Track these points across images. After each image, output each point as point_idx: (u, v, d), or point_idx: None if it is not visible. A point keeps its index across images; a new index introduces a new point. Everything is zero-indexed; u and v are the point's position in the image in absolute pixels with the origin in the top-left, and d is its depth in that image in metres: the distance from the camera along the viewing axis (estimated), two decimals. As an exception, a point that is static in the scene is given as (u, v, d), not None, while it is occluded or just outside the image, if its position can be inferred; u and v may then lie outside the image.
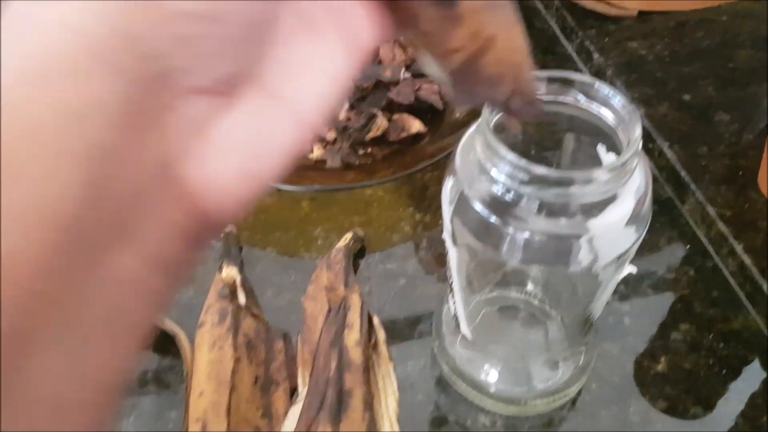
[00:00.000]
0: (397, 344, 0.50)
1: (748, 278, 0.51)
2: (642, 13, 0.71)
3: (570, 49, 0.72)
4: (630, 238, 0.34)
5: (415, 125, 0.62)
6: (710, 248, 0.54)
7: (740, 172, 0.56)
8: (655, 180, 0.58)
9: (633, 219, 0.34)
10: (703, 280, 0.53)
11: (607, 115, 0.35)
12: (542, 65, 0.69)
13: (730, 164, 0.57)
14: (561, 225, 0.33)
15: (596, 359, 0.48)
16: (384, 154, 0.61)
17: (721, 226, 0.53)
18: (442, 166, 0.59)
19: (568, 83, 0.35)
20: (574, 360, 0.46)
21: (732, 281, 0.52)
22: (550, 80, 0.36)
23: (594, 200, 0.32)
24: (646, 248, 0.54)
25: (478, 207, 0.35)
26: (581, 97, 0.35)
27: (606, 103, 0.34)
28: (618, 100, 0.34)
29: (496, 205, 0.34)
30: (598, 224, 0.33)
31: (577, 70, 0.70)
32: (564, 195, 0.32)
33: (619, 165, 0.31)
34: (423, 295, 0.52)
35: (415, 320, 0.51)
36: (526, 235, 0.34)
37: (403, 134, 0.62)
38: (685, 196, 0.56)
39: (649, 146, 0.60)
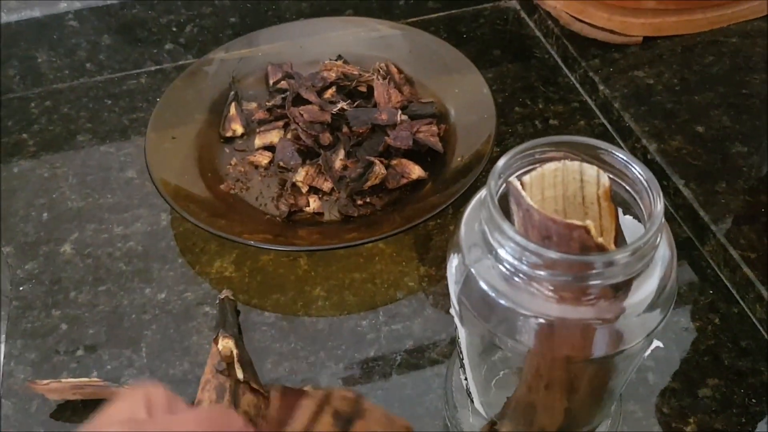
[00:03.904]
0: (407, 414, 0.47)
1: (778, 326, 0.47)
2: (647, 39, 0.68)
3: (573, 79, 0.69)
4: (656, 319, 0.31)
5: (415, 171, 0.59)
6: (735, 293, 0.51)
7: (762, 209, 0.53)
8: (672, 219, 0.55)
9: (659, 297, 0.31)
10: (730, 329, 0.49)
11: (626, 185, 0.31)
12: (544, 97, 0.67)
13: (751, 201, 0.53)
14: (580, 310, 0.30)
15: (621, 423, 0.45)
16: (383, 203, 0.58)
17: (746, 270, 0.50)
18: (444, 213, 0.56)
19: (584, 150, 0.32)
20: (599, 426, 0.43)
21: (761, 329, 0.49)
22: (564, 145, 0.33)
23: (616, 282, 0.29)
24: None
25: (486, 288, 0.32)
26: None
27: (623, 173, 0.31)
28: (636, 169, 0.31)
29: (506, 287, 0.31)
30: (621, 307, 0.30)
31: (581, 101, 0.67)
32: (582, 279, 0.29)
33: (641, 245, 0.28)
34: (432, 359, 0.49)
35: (425, 389, 0.48)
36: (540, 320, 0.31)
37: (403, 181, 0.59)
38: (705, 237, 0.53)
39: (663, 184, 0.57)
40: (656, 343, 0.34)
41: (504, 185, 0.32)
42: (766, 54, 0.65)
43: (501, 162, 0.32)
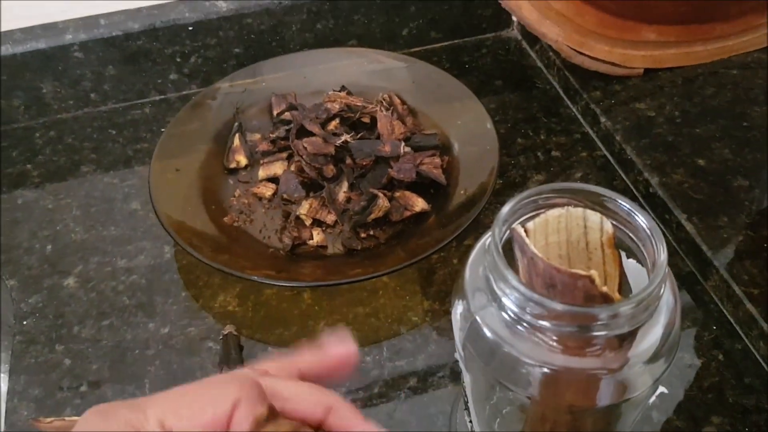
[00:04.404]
0: (410, 453, 0.47)
1: (782, 364, 0.47)
2: (648, 71, 0.68)
3: (575, 110, 0.69)
4: (660, 367, 0.31)
5: (419, 203, 0.59)
6: (739, 329, 0.51)
7: (764, 244, 0.53)
8: (674, 253, 0.55)
9: (663, 346, 0.31)
10: (734, 366, 0.49)
11: (629, 232, 0.32)
12: (546, 128, 0.67)
13: (753, 236, 0.53)
14: (584, 361, 0.30)
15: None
16: (387, 236, 0.59)
17: (749, 306, 0.50)
18: (449, 246, 0.56)
19: (588, 197, 0.32)
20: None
21: (765, 366, 0.49)
22: (567, 191, 0.33)
23: (621, 333, 0.29)
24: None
25: (490, 336, 0.32)
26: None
27: (626, 220, 0.32)
28: (639, 218, 0.31)
29: (510, 335, 0.31)
30: (625, 358, 0.30)
31: (583, 133, 0.67)
32: (586, 330, 0.29)
33: (646, 295, 0.28)
34: (436, 397, 0.49)
35: (429, 426, 0.48)
36: (545, 369, 0.31)
37: (407, 213, 0.59)
38: (708, 272, 0.53)
39: (665, 217, 0.57)
40: (661, 389, 0.34)
41: (508, 232, 0.32)
42: (766, 86, 0.66)
43: (505, 209, 0.32)
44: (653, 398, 0.34)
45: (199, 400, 0.29)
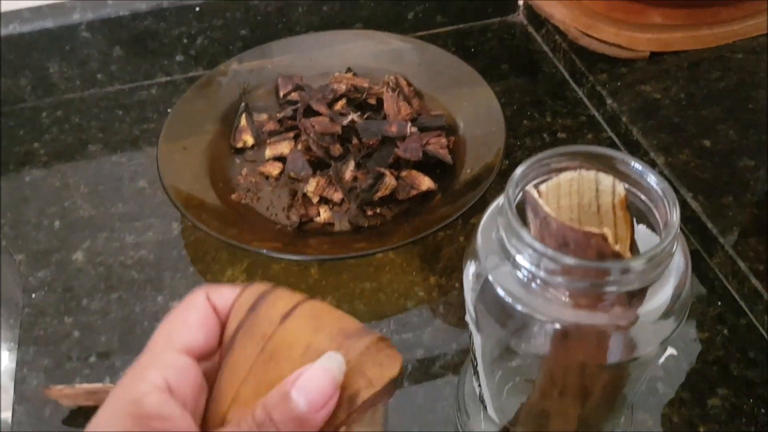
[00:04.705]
0: (419, 421, 0.47)
1: (786, 338, 0.48)
2: (654, 54, 0.68)
3: (581, 93, 0.70)
4: (670, 327, 0.31)
5: (425, 182, 0.60)
6: (743, 305, 0.51)
7: (769, 222, 0.53)
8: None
9: (673, 305, 0.31)
10: (738, 340, 0.50)
11: (641, 194, 0.32)
12: (552, 111, 0.68)
13: (758, 214, 0.54)
14: (595, 317, 0.30)
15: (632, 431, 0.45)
16: (393, 214, 0.59)
17: (754, 282, 0.50)
18: (454, 224, 0.56)
19: (600, 160, 0.33)
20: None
21: (769, 341, 0.49)
22: (580, 155, 0.33)
23: (632, 289, 0.30)
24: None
25: (503, 294, 0.32)
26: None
27: (639, 183, 0.32)
28: (652, 178, 0.31)
29: (523, 293, 0.32)
30: (636, 315, 0.30)
31: (589, 115, 0.68)
32: (598, 286, 0.29)
33: (657, 252, 0.29)
34: (443, 367, 0.49)
35: (436, 396, 0.48)
36: (556, 326, 0.31)
37: (413, 192, 0.60)
38: (713, 250, 0.54)
39: (671, 196, 0.57)
40: (670, 350, 0.34)
41: (521, 194, 0.33)
42: (771, 70, 0.66)
43: (518, 171, 0.33)
44: (662, 359, 0.34)
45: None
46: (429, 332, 0.52)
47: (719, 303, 0.52)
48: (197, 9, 0.72)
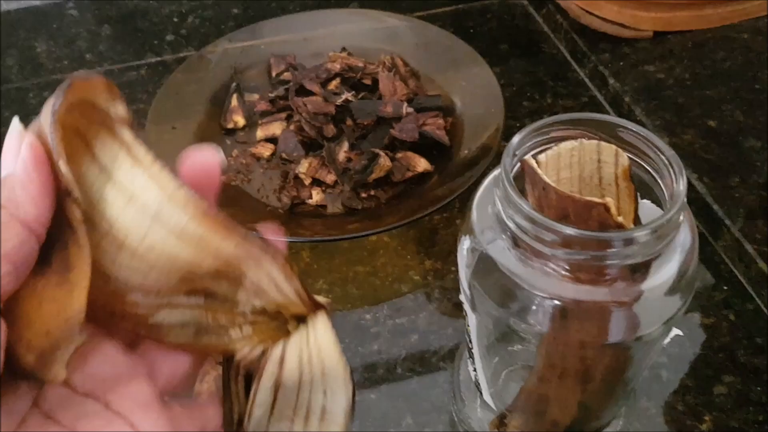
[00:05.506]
0: (412, 409, 0.45)
1: (795, 323, 0.46)
2: (657, 34, 0.66)
3: (582, 74, 0.68)
4: (676, 304, 0.30)
5: (421, 164, 0.58)
6: (750, 289, 0.49)
7: (777, 204, 0.51)
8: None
9: (679, 282, 0.29)
10: (745, 326, 0.48)
11: (645, 164, 0.30)
12: (553, 92, 0.66)
13: (765, 196, 0.52)
14: (596, 292, 0.28)
15: (635, 420, 0.43)
16: (388, 196, 0.57)
17: (762, 265, 0.48)
18: (451, 207, 0.54)
19: (602, 128, 0.31)
20: (611, 423, 0.41)
21: (777, 326, 0.48)
22: (580, 122, 0.31)
23: (635, 262, 0.28)
24: (679, 292, 0.49)
25: (501, 270, 0.30)
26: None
27: (643, 152, 0.30)
28: (657, 146, 0.29)
29: (520, 267, 0.30)
30: (639, 290, 0.28)
31: (591, 96, 0.66)
32: (600, 258, 0.27)
33: (662, 222, 0.27)
34: (438, 353, 0.48)
35: (431, 383, 0.46)
36: (555, 302, 0.29)
37: (408, 174, 0.58)
38: (719, 233, 0.52)
39: (675, 178, 0.55)
40: (675, 331, 0.33)
41: (518, 165, 0.31)
42: (778, 50, 0.64)
43: (515, 139, 0.31)
44: (667, 340, 0.32)
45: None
46: (424, 317, 0.50)
47: (725, 287, 0.50)
48: (188, -13, 0.70)
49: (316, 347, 0.25)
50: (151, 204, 0.23)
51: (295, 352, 0.25)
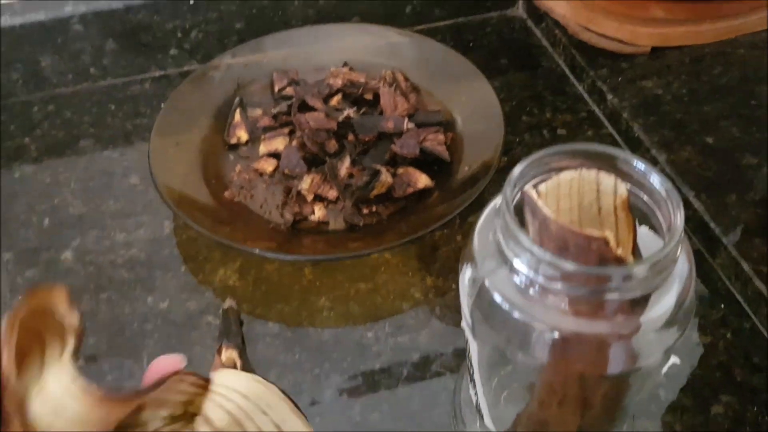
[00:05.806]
0: (413, 429, 0.46)
1: (791, 342, 0.47)
2: (655, 50, 0.67)
3: (581, 89, 0.68)
4: (673, 335, 0.30)
5: (422, 180, 0.58)
6: (747, 308, 0.50)
7: (774, 222, 0.52)
8: (681, 232, 0.54)
9: (676, 313, 0.30)
10: (742, 345, 0.49)
11: (644, 195, 0.31)
12: (552, 107, 0.66)
13: (762, 213, 0.53)
14: (596, 325, 0.29)
15: (632, 439, 0.44)
16: (389, 212, 0.58)
17: (758, 284, 0.49)
18: (451, 222, 0.55)
19: (601, 159, 0.31)
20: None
21: (774, 344, 0.48)
22: (580, 154, 0.32)
23: (634, 297, 0.28)
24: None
25: (500, 300, 0.31)
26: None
27: (641, 183, 0.31)
28: (656, 179, 0.30)
29: (521, 299, 0.30)
30: (638, 323, 0.29)
31: (589, 111, 0.66)
32: (599, 293, 0.28)
33: (660, 258, 0.28)
34: (440, 372, 0.48)
35: (433, 403, 0.47)
36: (555, 334, 0.30)
37: (409, 190, 0.58)
38: (716, 250, 0.52)
39: (673, 195, 0.56)
40: (673, 359, 0.33)
41: (519, 194, 0.32)
42: (775, 65, 0.65)
43: (516, 170, 0.31)
44: (665, 369, 0.33)
45: None
46: (425, 335, 0.51)
47: (722, 306, 0.51)
48: (191, 2, 0.71)
49: (236, 393, 0.27)
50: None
51: (216, 408, 0.27)
